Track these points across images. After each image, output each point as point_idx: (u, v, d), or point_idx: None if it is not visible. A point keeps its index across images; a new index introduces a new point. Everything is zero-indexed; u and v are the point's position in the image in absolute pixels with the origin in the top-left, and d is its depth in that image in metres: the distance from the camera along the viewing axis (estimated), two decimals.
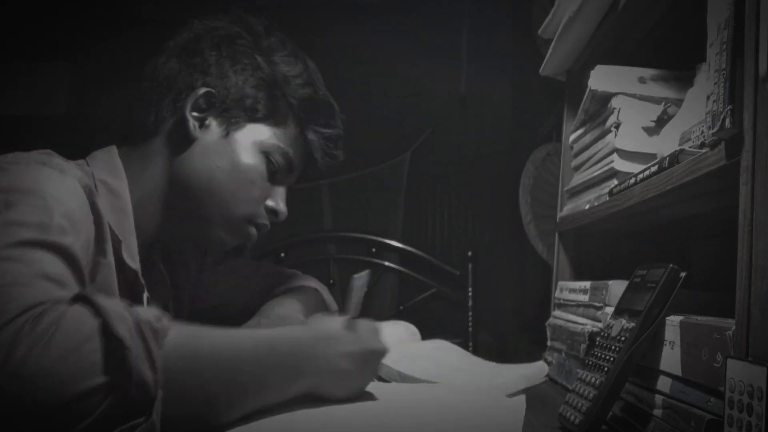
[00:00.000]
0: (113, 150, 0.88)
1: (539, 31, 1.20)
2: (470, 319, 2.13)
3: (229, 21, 0.93)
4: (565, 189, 1.18)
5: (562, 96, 1.27)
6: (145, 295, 0.87)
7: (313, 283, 1.12)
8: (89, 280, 0.71)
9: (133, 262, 0.83)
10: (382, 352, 0.77)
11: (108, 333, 0.51)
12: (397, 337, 0.90)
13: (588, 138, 1.05)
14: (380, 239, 2.21)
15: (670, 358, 0.63)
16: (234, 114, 0.88)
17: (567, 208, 1.17)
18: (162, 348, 0.54)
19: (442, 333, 1.65)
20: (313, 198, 2.26)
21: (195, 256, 1.07)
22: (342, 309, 0.96)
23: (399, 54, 2.26)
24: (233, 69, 0.88)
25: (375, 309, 2.14)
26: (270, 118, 0.90)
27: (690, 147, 0.68)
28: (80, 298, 0.55)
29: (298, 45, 0.97)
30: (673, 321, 0.64)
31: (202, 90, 0.86)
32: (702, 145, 0.63)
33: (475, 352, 1.79)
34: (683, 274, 0.66)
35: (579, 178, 1.09)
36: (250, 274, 1.13)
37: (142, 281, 0.85)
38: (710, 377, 0.55)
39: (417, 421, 0.72)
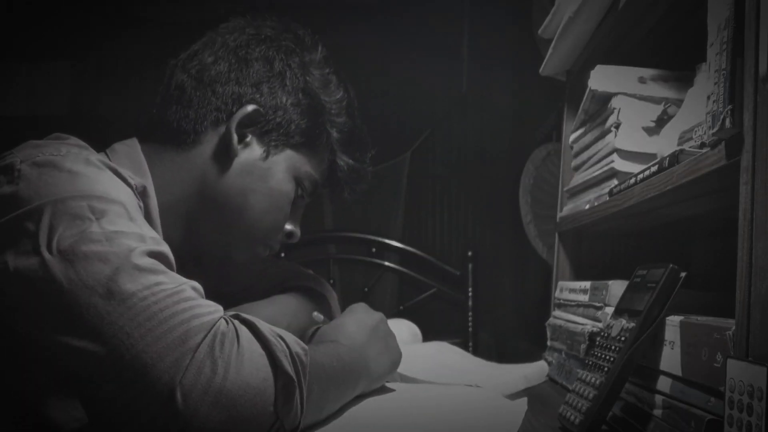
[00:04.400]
0: (136, 145, 0.82)
1: (539, 31, 1.20)
2: (470, 319, 2.13)
3: (279, 29, 0.89)
4: (565, 189, 1.18)
5: (562, 96, 1.27)
6: None
7: (321, 289, 1.08)
8: None
9: None
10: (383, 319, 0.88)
11: (280, 368, 0.57)
12: (399, 337, 0.90)
13: (588, 138, 1.05)
14: (380, 239, 2.21)
15: (670, 358, 0.63)
16: (276, 137, 0.85)
17: (567, 208, 1.17)
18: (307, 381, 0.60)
19: (442, 333, 1.66)
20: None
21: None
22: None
23: (399, 54, 2.26)
24: (283, 90, 0.84)
25: (375, 309, 2.14)
26: (306, 146, 0.87)
27: (690, 147, 0.68)
28: (241, 320, 0.60)
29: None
30: (673, 321, 0.64)
31: (251, 107, 0.82)
32: (702, 145, 0.63)
33: (475, 352, 1.80)
34: (683, 274, 0.66)
35: (579, 178, 1.09)
36: (269, 265, 1.09)
37: None
38: (710, 377, 0.55)
39: (418, 422, 0.72)
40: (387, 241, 2.21)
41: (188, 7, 2.32)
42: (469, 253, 2.18)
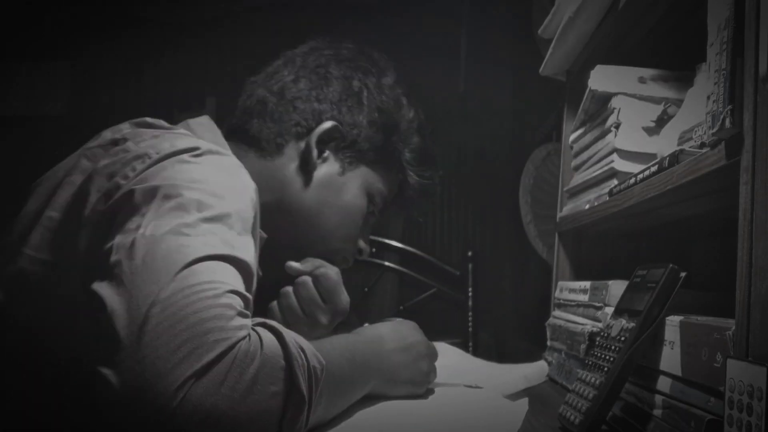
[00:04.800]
0: (217, 131, 0.83)
1: (539, 31, 1.20)
2: (470, 319, 2.13)
3: (355, 51, 0.93)
4: (565, 189, 1.18)
5: (562, 96, 1.27)
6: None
7: None
8: None
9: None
10: (435, 356, 0.86)
11: (292, 382, 0.55)
12: None
13: (588, 138, 1.05)
14: (380, 239, 2.21)
15: (670, 358, 0.63)
16: (352, 153, 0.88)
17: (567, 208, 1.17)
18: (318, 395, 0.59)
19: (442, 333, 1.65)
20: None
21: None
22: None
23: (399, 54, 2.25)
24: (360, 108, 0.88)
25: (375, 309, 2.14)
26: (380, 163, 0.90)
27: (690, 147, 0.68)
28: (270, 330, 0.57)
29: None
30: (673, 321, 0.64)
31: (330, 124, 0.86)
32: (702, 145, 0.63)
33: (475, 352, 1.80)
34: (683, 274, 0.66)
35: (579, 178, 1.09)
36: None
37: (260, 272, 0.83)
38: (710, 377, 0.55)
39: (418, 422, 0.72)
40: (387, 241, 2.21)
41: (188, 7, 2.32)
42: (469, 253, 2.18)
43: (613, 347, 0.68)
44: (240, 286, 0.58)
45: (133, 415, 0.49)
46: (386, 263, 2.20)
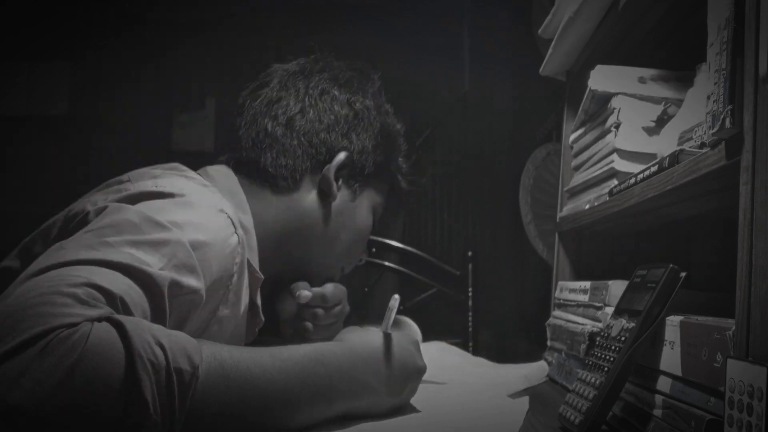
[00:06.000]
0: (233, 177, 0.85)
1: (539, 31, 1.20)
2: (470, 319, 2.13)
3: (348, 68, 0.95)
4: (565, 189, 1.18)
5: (562, 96, 1.27)
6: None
7: None
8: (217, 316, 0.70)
9: (258, 298, 0.82)
10: (422, 370, 0.77)
11: (137, 388, 0.46)
12: None
13: (588, 138, 1.05)
14: (380, 239, 2.20)
15: (670, 358, 0.63)
16: (360, 178, 0.91)
17: (567, 208, 1.17)
18: (191, 397, 0.50)
19: (442, 333, 1.65)
20: None
21: None
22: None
23: (399, 54, 2.26)
24: (366, 134, 0.91)
25: (375, 309, 2.14)
26: (381, 179, 0.95)
27: (690, 147, 0.68)
28: (113, 322, 0.49)
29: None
30: (673, 321, 0.64)
31: (344, 155, 0.88)
32: (702, 145, 0.63)
33: (475, 352, 1.80)
34: (683, 274, 0.66)
35: (579, 178, 1.09)
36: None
37: (262, 317, 0.83)
38: (710, 377, 0.55)
39: (419, 422, 0.72)
40: (387, 241, 2.21)
41: (188, 7, 2.32)
42: (469, 253, 2.18)
43: (613, 347, 0.68)
44: (120, 290, 0.52)
45: None
46: (386, 263, 2.20)
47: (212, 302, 0.69)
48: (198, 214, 0.67)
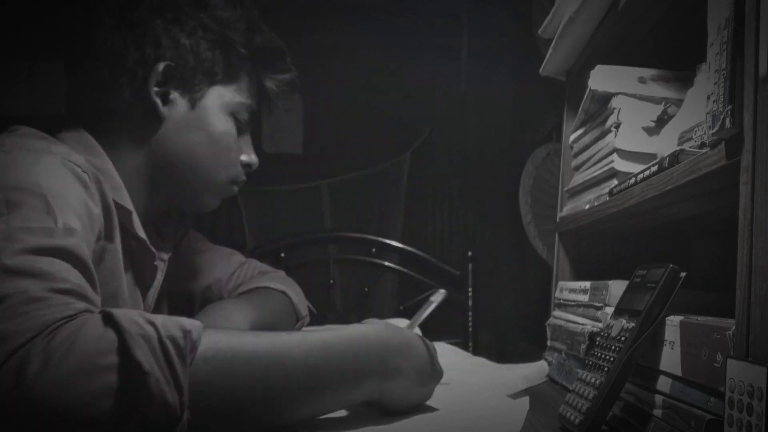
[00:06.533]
0: (84, 133, 0.82)
1: (539, 31, 1.20)
2: (470, 319, 2.13)
3: None
4: (565, 189, 1.18)
5: (562, 96, 1.27)
6: (159, 263, 0.87)
7: (281, 284, 1.06)
8: (96, 265, 0.68)
9: (141, 232, 0.82)
10: (441, 373, 0.77)
11: (127, 355, 0.49)
12: None
13: (588, 138, 1.05)
14: (380, 239, 2.20)
15: (670, 358, 0.63)
16: (195, 82, 0.85)
17: (567, 208, 1.17)
18: (190, 365, 0.52)
19: (442, 333, 1.65)
20: (313, 198, 2.26)
21: (173, 234, 1.02)
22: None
23: (399, 54, 2.26)
24: (183, 34, 0.83)
25: (375, 309, 2.14)
26: (228, 76, 0.88)
27: (690, 147, 0.68)
28: (100, 313, 0.52)
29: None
30: (673, 321, 0.64)
31: (161, 66, 0.82)
32: (702, 145, 0.63)
33: (475, 352, 1.80)
34: (683, 274, 0.66)
35: (579, 178, 1.09)
36: (218, 261, 1.09)
37: (152, 249, 0.84)
38: (710, 377, 0.55)
39: (419, 422, 0.72)
40: (387, 241, 2.21)
41: None
42: (469, 253, 2.18)
43: (613, 347, 0.68)
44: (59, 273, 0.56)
45: None
46: (386, 263, 2.20)
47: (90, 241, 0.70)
48: (41, 167, 0.67)
